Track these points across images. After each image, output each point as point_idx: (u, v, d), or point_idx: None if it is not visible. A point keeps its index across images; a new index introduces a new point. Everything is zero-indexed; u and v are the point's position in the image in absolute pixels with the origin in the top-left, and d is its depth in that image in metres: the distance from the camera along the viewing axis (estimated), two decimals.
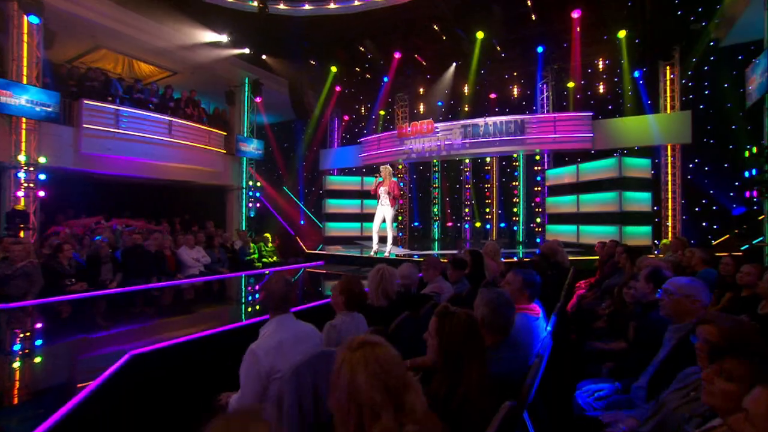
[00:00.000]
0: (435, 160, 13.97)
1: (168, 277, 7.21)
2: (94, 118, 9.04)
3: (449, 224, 14.33)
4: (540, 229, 12.37)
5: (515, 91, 12.98)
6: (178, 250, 7.76)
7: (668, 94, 9.61)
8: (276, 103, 13.31)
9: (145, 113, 9.88)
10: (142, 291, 6.27)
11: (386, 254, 8.61)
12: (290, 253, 11.13)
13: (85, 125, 8.89)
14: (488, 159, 13.60)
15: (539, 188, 12.40)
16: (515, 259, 8.86)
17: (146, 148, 9.93)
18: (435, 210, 14.41)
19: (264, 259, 10.39)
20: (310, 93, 13.15)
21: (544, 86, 12.08)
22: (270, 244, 10.54)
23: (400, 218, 13.95)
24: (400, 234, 13.81)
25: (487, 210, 13.70)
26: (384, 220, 8.57)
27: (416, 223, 14.69)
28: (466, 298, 4.40)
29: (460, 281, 4.73)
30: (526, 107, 12.48)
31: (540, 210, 12.39)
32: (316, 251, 9.87)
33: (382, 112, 14.57)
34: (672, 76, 9.54)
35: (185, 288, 6.81)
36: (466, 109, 13.00)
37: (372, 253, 8.71)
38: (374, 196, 8.61)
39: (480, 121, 11.66)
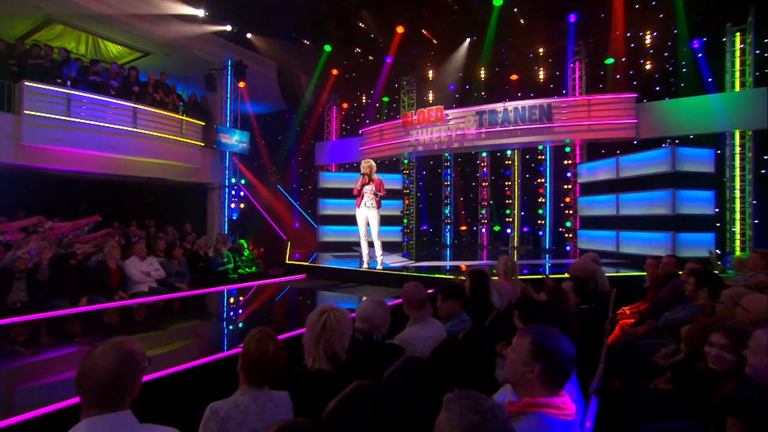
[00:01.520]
0: (446, 154, 12.79)
1: (107, 295, 6.20)
2: (39, 103, 8.17)
3: (463, 228, 13.11)
4: (570, 235, 11.01)
5: (541, 72, 11.63)
6: (125, 262, 6.76)
7: (738, 68, 8.17)
8: (264, 90, 12.36)
9: (103, 98, 8.98)
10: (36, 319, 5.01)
11: (379, 265, 7.45)
12: (279, 262, 10.14)
13: (26, 111, 8.04)
14: (509, 152, 12.34)
15: (569, 186, 11.05)
16: (541, 273, 7.56)
17: (105, 140, 9.03)
18: (447, 212, 13.28)
19: (240, 270, 9.40)
20: (302, 77, 12.16)
21: (576, 64, 10.70)
22: (247, 252, 9.52)
23: (405, 221, 12.80)
24: (406, 239, 12.66)
25: (508, 212, 12.50)
26: (369, 225, 7.42)
27: (425, 227, 13.50)
28: (463, 343, 3.19)
29: (454, 316, 3.54)
30: (554, 90, 11.12)
31: (570, 212, 11.03)
32: (298, 262, 8.78)
33: (385, 99, 13.47)
34: (743, 45, 8.08)
35: (109, 312, 5.65)
36: (483, 93, 11.80)
37: (363, 266, 7.57)
38: (355, 196, 7.44)
39: (498, 106, 10.43)
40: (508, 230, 12.50)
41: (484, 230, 12.92)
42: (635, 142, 9.40)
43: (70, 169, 8.87)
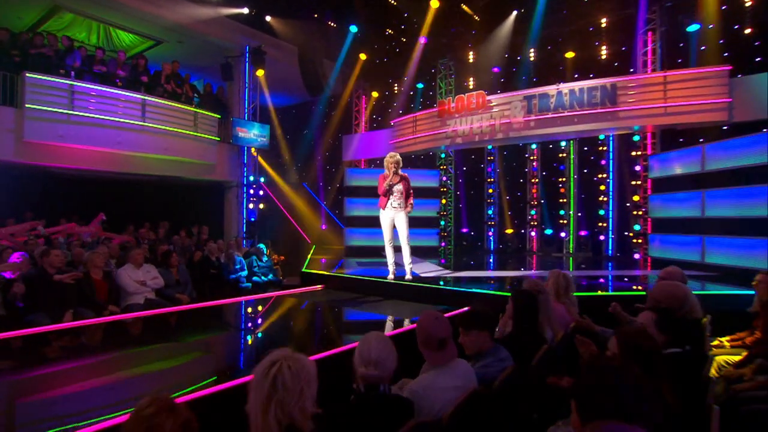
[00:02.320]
0: (489, 146, 11.90)
1: (96, 309, 5.80)
2: (42, 96, 8.03)
3: (509, 231, 12.14)
4: (640, 240, 9.78)
5: (603, 49, 10.44)
6: (118, 271, 6.39)
7: None
8: (285, 79, 11.93)
9: (109, 90, 8.78)
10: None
11: (407, 274, 6.69)
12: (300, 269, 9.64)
13: (28, 105, 7.91)
14: (563, 143, 11.26)
15: (638, 182, 9.82)
16: (601, 287, 6.53)
17: (112, 135, 8.84)
18: (490, 212, 12.38)
19: (255, 278, 8.95)
20: (327, 63, 11.62)
21: (649, 36, 9.47)
22: (265, 257, 9.07)
23: (442, 223, 12.01)
24: (443, 244, 11.86)
25: (562, 212, 11.41)
26: (396, 228, 6.67)
27: (465, 230, 12.64)
28: (501, 392, 2.47)
29: (487, 353, 2.76)
30: (620, 69, 9.91)
31: (640, 213, 9.80)
32: (315, 270, 8.16)
33: (419, 85, 12.77)
34: None
35: (80, 331, 5.15)
36: (532, 76, 10.82)
37: (389, 276, 6.83)
38: (383, 194, 6.69)
39: (551, 89, 9.43)
40: (562, 234, 11.39)
41: (533, 234, 11.90)
42: (725, 127, 8.11)
43: (74, 167, 8.74)
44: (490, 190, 12.39)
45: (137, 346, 4.95)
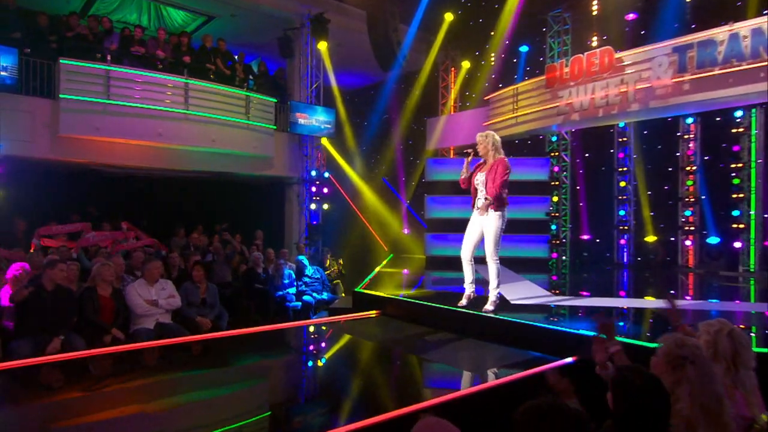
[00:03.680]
0: (621, 123, 9.97)
1: (98, 334, 5.28)
2: (77, 84, 7.94)
3: (651, 239, 10.09)
4: None
5: None
6: (126, 288, 5.86)
7: None
8: (353, 55, 11.25)
9: (146, 74, 8.52)
10: None
11: (490, 307, 5.15)
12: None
13: (63, 95, 7.86)
14: (738, 112, 8.83)
15: None
16: None
17: (151, 126, 8.58)
18: (622, 213, 10.50)
19: (307, 297, 8.14)
20: (402, 29, 10.62)
21: None
22: (310, 270, 8.29)
23: (553, 228, 10.29)
24: (554, 255, 10.23)
25: (735, 213, 9.05)
26: (482, 237, 5.24)
27: (586, 237, 10.94)
28: None
29: None
30: None
31: None
32: (367, 291, 6.94)
33: (523, 48, 11.20)
34: None
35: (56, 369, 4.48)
36: (688, 22, 8.67)
37: (461, 302, 5.38)
38: (465, 190, 5.37)
39: (719, 32, 7.23)
40: (737, 244, 8.90)
41: (689, 243, 9.60)
42: None
43: (113, 163, 8.68)
44: (623, 183, 10.42)
45: (108, 391, 4.12)
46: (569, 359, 3.87)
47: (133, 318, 5.74)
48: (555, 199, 10.49)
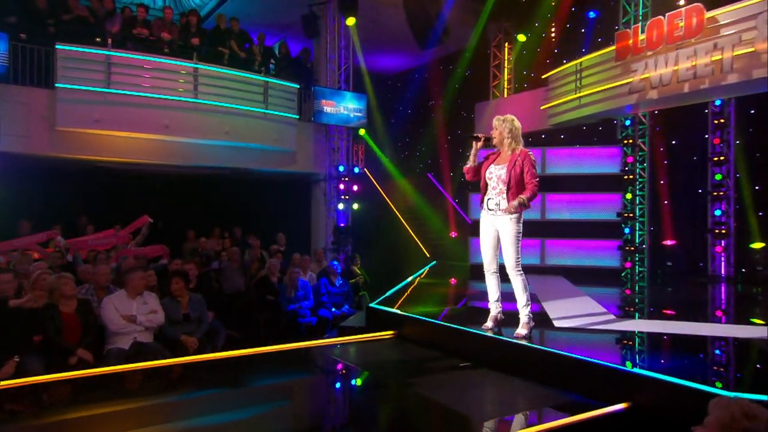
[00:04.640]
0: (717, 101, 8.93)
1: (61, 354, 4.98)
2: (74, 71, 7.89)
3: (757, 246, 9.03)
4: None
5: None
6: (102, 302, 5.55)
7: None
8: (386, 34, 10.86)
9: (149, 58, 8.36)
10: None
11: (523, 331, 4.35)
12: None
13: (59, 84, 7.83)
14: None
15: None
16: None
17: (157, 117, 8.46)
18: (718, 213, 9.43)
19: (324, 309, 7.74)
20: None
21: None
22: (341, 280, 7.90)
23: (626, 231, 9.41)
24: (628, 264, 9.32)
25: None
26: (498, 243, 4.56)
27: (670, 242, 9.95)
28: None
29: None
30: None
31: None
32: (382, 307, 6.25)
33: (591, 14, 10.34)
34: None
35: None
36: None
37: (486, 324, 4.64)
38: (476, 187, 4.72)
39: None
40: None
41: None
42: None
43: (115, 159, 8.66)
44: (719, 176, 9.31)
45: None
46: (619, 406, 3.25)
47: (107, 335, 5.42)
48: (629, 196, 9.58)
